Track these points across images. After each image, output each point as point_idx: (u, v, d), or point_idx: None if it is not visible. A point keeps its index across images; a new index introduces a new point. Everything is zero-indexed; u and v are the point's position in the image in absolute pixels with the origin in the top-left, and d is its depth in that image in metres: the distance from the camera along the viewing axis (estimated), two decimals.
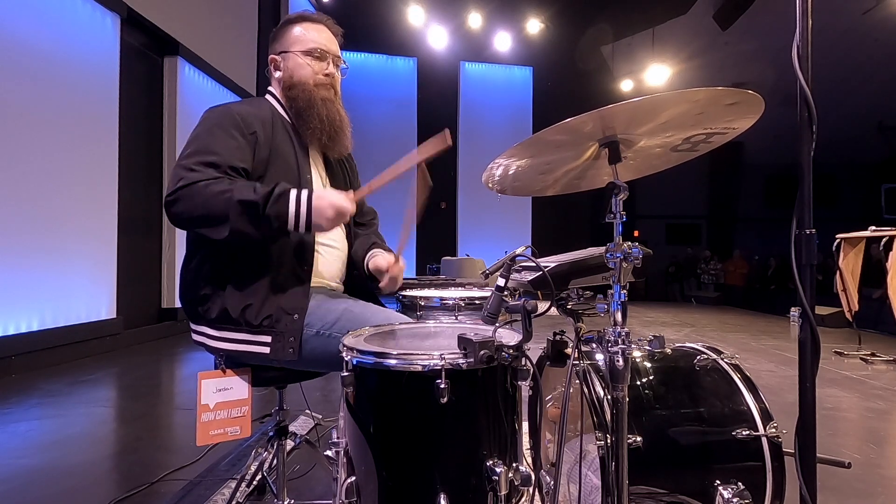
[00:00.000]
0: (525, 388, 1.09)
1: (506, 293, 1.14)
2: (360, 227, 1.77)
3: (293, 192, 1.32)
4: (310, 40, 1.54)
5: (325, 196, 1.33)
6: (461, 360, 0.97)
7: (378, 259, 1.58)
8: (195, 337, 1.46)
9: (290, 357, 1.34)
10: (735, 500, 1.21)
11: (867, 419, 3.21)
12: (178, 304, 6.10)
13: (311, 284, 1.44)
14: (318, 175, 1.58)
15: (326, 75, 1.54)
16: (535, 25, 11.36)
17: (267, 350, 1.35)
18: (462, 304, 1.80)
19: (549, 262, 1.22)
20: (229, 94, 7.52)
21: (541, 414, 1.54)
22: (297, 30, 1.56)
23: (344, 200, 1.34)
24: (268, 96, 1.60)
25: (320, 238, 1.51)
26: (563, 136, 1.07)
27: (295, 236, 1.41)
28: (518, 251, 1.14)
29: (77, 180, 4.68)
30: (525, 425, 1.50)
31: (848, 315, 5.08)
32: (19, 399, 3.36)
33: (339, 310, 1.40)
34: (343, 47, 1.63)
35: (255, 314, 1.35)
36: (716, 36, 10.23)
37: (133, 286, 5.46)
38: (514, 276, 1.21)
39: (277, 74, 1.57)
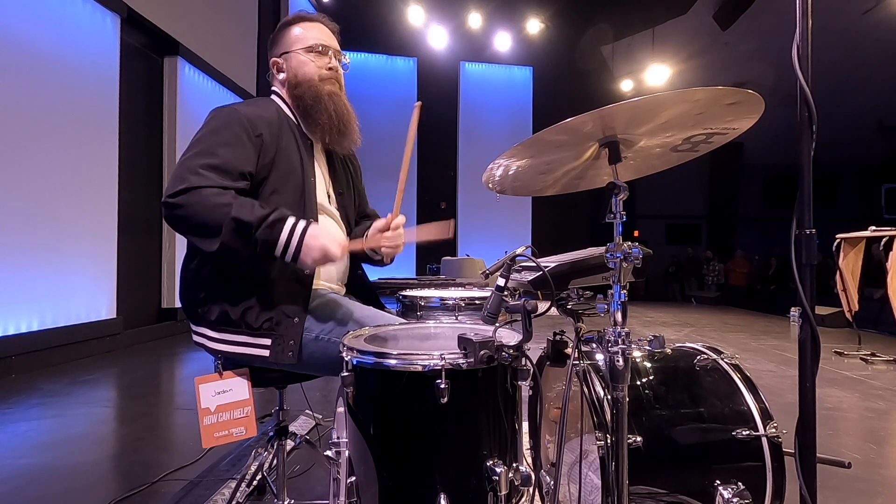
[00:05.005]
0: (525, 388, 1.09)
1: (506, 293, 1.14)
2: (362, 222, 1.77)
3: (289, 221, 1.31)
4: (310, 37, 1.55)
5: (319, 237, 1.32)
6: (461, 360, 0.97)
7: (376, 221, 1.58)
8: (195, 338, 1.46)
9: (290, 360, 1.34)
10: (735, 500, 1.21)
11: (867, 419, 3.21)
12: (178, 304, 6.10)
13: (313, 287, 1.44)
14: (321, 175, 1.58)
15: (330, 69, 1.55)
16: (535, 25, 11.37)
17: (266, 353, 1.35)
18: (462, 304, 1.80)
19: (549, 262, 1.22)
20: (229, 94, 7.52)
21: (541, 414, 1.54)
22: (296, 30, 1.57)
23: (334, 246, 1.33)
24: (273, 97, 1.60)
25: None
26: (563, 136, 1.07)
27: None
28: (518, 251, 1.14)
29: (77, 180, 4.68)
30: (525, 425, 1.50)
31: (848, 315, 5.07)
32: (19, 399, 3.36)
33: (339, 314, 1.40)
34: (343, 47, 1.63)
35: (256, 317, 1.35)
36: (716, 36, 10.23)
37: (133, 286, 5.46)
38: (514, 276, 1.21)
39: (281, 76, 1.57)
